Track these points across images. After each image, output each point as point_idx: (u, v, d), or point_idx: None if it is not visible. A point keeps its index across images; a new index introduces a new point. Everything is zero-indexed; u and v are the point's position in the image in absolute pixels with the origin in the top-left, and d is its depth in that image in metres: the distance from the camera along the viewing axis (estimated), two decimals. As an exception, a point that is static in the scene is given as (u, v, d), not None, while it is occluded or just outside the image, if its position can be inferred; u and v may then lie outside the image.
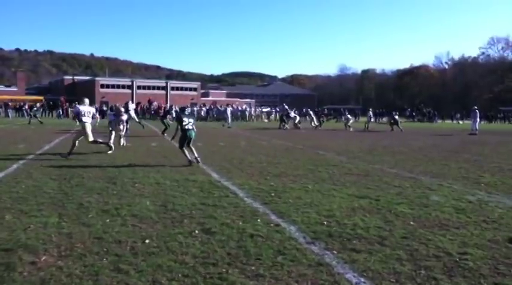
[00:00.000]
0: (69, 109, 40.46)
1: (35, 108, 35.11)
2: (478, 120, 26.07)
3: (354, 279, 3.42)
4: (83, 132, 10.82)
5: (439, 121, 52.64)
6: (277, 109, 45.68)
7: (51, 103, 47.78)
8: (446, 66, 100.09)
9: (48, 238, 4.29)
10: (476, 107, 27.07)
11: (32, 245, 4.07)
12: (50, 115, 43.94)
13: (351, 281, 3.38)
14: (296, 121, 28.21)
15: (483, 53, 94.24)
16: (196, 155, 9.57)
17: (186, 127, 9.52)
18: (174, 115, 19.42)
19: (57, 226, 4.71)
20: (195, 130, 9.80)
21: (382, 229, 4.79)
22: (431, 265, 3.74)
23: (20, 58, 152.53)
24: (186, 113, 9.85)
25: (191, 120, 9.71)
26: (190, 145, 9.69)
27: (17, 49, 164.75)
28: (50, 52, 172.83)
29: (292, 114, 28.89)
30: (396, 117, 27.53)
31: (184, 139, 9.57)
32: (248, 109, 49.00)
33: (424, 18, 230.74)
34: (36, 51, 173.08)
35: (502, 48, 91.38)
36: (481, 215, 5.47)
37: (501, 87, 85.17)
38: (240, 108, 48.08)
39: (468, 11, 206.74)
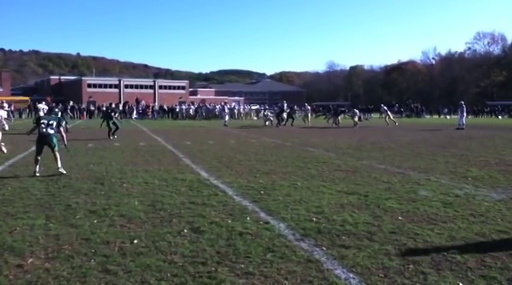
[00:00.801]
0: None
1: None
2: (465, 114, 26.29)
3: (343, 275, 3.43)
4: None
5: (427, 116, 53.07)
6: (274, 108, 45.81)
7: (37, 103, 47.30)
8: (434, 62, 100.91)
9: (35, 240, 4.23)
10: (463, 102, 27.32)
11: (18, 247, 4.02)
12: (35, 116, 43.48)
13: (340, 277, 3.39)
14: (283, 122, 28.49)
15: (469, 48, 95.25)
16: (59, 165, 8.14)
17: (42, 129, 8.14)
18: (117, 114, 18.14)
19: (44, 228, 4.66)
20: (56, 135, 8.29)
21: (370, 225, 4.82)
22: (420, 259, 3.77)
23: (4, 58, 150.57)
24: (53, 115, 8.64)
25: (52, 122, 8.23)
26: (55, 151, 8.18)
27: (1, 49, 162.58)
28: (36, 52, 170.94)
29: (284, 115, 29.09)
30: (356, 111, 28.86)
31: (38, 142, 8.18)
32: (237, 107, 48.98)
33: (411, 13, 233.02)
34: (21, 51, 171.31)
35: (488, 43, 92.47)
36: (468, 209, 5.52)
37: (487, 82, 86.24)
38: (228, 106, 47.98)
39: (454, 7, 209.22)
